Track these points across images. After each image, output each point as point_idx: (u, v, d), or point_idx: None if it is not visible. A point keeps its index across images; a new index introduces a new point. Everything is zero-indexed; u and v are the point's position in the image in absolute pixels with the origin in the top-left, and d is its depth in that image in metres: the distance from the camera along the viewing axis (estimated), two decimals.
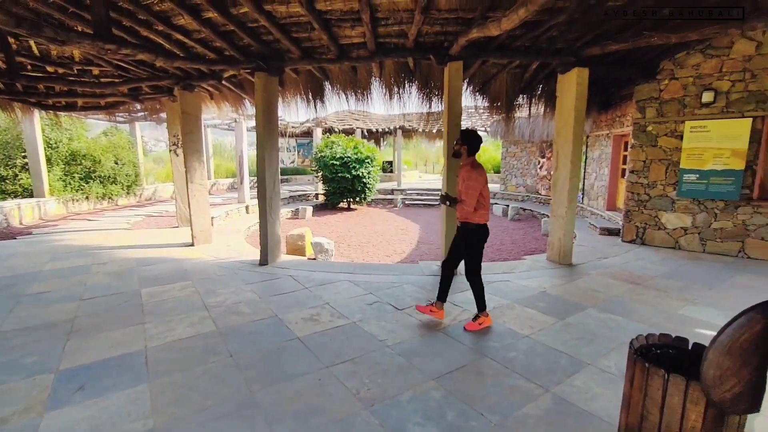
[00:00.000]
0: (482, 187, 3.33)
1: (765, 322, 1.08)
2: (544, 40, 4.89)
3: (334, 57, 5.14)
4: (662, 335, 1.61)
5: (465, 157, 3.51)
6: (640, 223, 6.70)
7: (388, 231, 11.31)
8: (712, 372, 1.14)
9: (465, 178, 3.38)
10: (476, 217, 3.38)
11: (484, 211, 3.37)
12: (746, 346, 1.10)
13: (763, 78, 5.43)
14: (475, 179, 3.30)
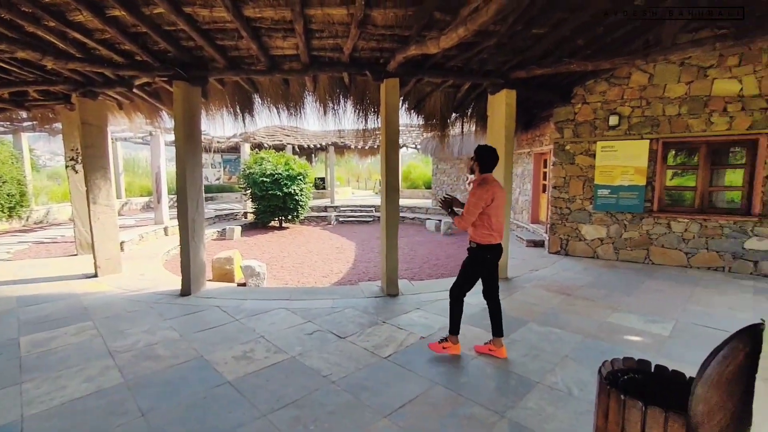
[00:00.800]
0: (486, 205, 3.10)
1: (746, 350, 1.05)
2: (476, 62, 5.06)
3: (264, 68, 4.81)
4: (626, 359, 1.57)
5: (477, 173, 3.27)
6: (563, 235, 7.19)
7: (323, 250, 10.92)
8: (701, 408, 1.09)
9: (471, 194, 3.21)
10: (477, 237, 3.18)
11: (486, 232, 3.14)
12: (731, 377, 1.05)
13: (655, 105, 6.18)
14: (478, 196, 3.09)
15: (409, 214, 16.97)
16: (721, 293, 4.98)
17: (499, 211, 3.16)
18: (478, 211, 3.10)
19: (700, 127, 5.89)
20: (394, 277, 5.01)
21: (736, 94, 5.64)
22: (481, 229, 3.15)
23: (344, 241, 12.17)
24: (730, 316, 4.24)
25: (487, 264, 3.25)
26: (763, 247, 5.67)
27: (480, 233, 3.17)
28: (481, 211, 3.11)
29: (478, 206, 3.08)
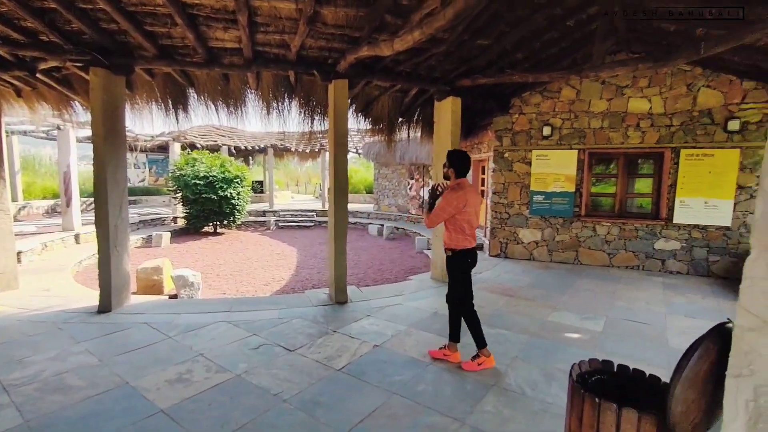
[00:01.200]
0: (457, 211, 3.07)
1: (717, 348, 1.09)
2: (424, 68, 5.12)
3: (201, 61, 4.42)
4: (591, 361, 1.60)
5: (453, 179, 3.23)
6: (503, 239, 7.54)
7: (263, 256, 10.38)
8: (680, 408, 1.11)
9: (443, 198, 3.14)
10: (452, 242, 3.17)
11: (460, 236, 3.12)
12: (705, 376, 1.09)
13: (582, 118, 6.74)
14: (449, 200, 3.07)
15: (351, 218, 16.83)
16: (639, 289, 5.52)
17: (473, 217, 3.16)
18: (446, 216, 3.09)
19: (619, 140, 6.53)
20: (343, 284, 4.86)
21: (647, 112, 6.34)
22: (455, 233, 3.13)
23: (285, 247, 11.70)
24: (647, 310, 4.69)
25: (468, 268, 3.23)
26: (668, 247, 6.41)
27: (455, 238, 3.16)
28: (452, 216, 3.10)
29: (446, 211, 3.07)
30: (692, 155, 6.08)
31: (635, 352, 3.53)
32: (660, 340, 3.81)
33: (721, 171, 5.96)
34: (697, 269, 6.26)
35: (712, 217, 6.07)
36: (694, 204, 6.14)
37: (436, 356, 3.39)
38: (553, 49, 5.68)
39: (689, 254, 6.29)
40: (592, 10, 4.74)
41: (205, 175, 12.26)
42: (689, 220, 6.19)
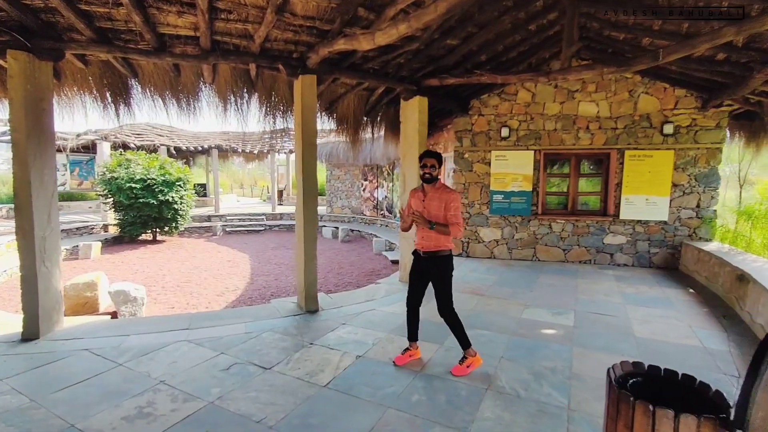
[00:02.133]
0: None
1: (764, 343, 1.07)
2: (393, 66, 5.00)
3: (149, 48, 3.92)
4: (623, 363, 1.57)
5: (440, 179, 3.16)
6: (464, 238, 7.64)
7: (212, 264, 9.66)
8: (762, 414, 1.07)
9: (449, 200, 3.02)
10: (449, 242, 3.09)
11: (460, 233, 3.07)
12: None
13: (537, 120, 7.04)
14: (458, 201, 3.05)
15: None
16: (595, 283, 5.84)
17: None
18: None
19: (571, 141, 6.89)
20: (314, 291, 4.59)
21: (595, 115, 6.76)
22: (459, 232, 3.02)
23: (236, 254, 11.01)
24: (608, 302, 4.96)
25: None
26: (616, 241, 6.88)
27: (449, 240, 3.08)
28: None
29: (461, 210, 3.07)
30: (635, 156, 6.58)
31: (609, 345, 3.68)
32: (627, 331, 4.01)
33: (659, 170, 6.51)
34: (640, 261, 6.78)
35: (652, 213, 6.61)
36: (637, 201, 6.65)
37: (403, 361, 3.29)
38: (513, 53, 5.86)
39: (634, 247, 6.80)
40: (552, 15, 4.94)
41: (143, 177, 11.17)
42: (633, 216, 6.69)
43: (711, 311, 4.59)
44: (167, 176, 11.69)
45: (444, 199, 3.04)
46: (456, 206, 3.03)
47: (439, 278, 3.12)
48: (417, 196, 3.21)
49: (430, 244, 3.09)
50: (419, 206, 3.13)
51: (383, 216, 14.75)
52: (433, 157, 3.09)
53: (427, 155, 3.07)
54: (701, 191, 6.43)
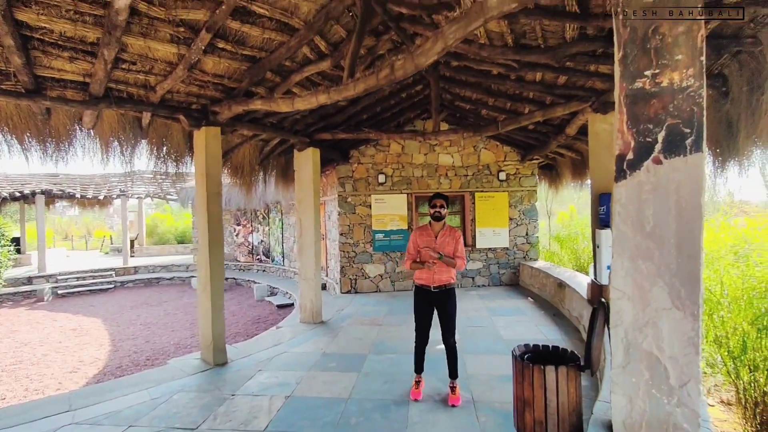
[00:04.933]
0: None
1: (605, 312, 1.90)
2: (290, 121, 5.43)
3: (20, 90, 3.50)
4: (520, 346, 2.29)
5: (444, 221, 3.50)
6: (352, 276, 8.20)
7: (49, 336, 7.91)
8: (596, 353, 1.85)
9: (457, 238, 3.41)
10: (453, 278, 3.44)
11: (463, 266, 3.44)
12: (601, 330, 1.87)
13: (408, 168, 8.29)
14: (462, 240, 3.48)
15: (165, 273, 14.58)
16: (466, 302, 7.04)
17: None
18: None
19: (435, 186, 8.31)
20: (222, 343, 4.44)
21: (451, 165, 8.36)
22: (463, 265, 3.42)
23: (81, 320, 9.21)
24: (478, 316, 6.10)
25: None
26: (475, 267, 8.42)
27: (455, 274, 3.46)
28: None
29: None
30: (482, 197, 8.33)
31: (488, 348, 4.63)
32: (497, 335, 5.09)
33: (499, 208, 8.36)
34: (494, 281, 8.42)
35: (498, 241, 8.38)
36: (487, 233, 8.34)
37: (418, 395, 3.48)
38: (387, 114, 6.97)
39: (488, 270, 8.42)
40: (419, 87, 6.18)
41: None
42: (486, 245, 8.35)
43: (546, 312, 6.12)
44: None
45: (455, 237, 3.43)
46: (462, 246, 3.44)
47: (452, 308, 3.45)
48: (426, 234, 3.48)
49: (442, 278, 3.38)
50: (430, 243, 3.41)
51: (259, 261, 14.28)
52: (442, 198, 3.47)
53: (437, 197, 3.46)
54: (528, 223, 8.50)
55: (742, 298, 3.70)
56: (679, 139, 1.73)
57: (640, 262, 1.79)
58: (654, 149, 1.78)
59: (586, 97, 4.56)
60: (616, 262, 1.87)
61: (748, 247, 4.75)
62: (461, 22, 2.44)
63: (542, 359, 2.23)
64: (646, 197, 1.79)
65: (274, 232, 13.56)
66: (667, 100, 1.75)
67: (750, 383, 3.22)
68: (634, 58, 1.82)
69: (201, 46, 3.42)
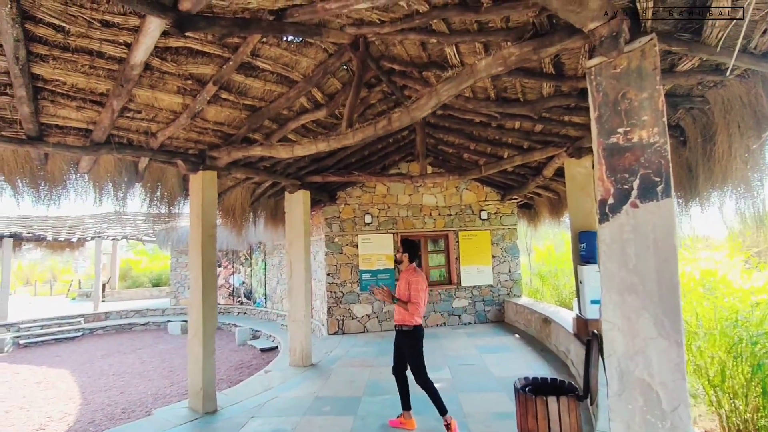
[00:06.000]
0: (424, 290, 3.58)
1: (598, 343, 2.06)
2: (282, 165, 5.62)
3: (22, 137, 3.57)
4: (520, 379, 2.40)
5: (406, 263, 3.75)
6: (339, 316, 8.13)
7: (12, 392, 7.37)
8: (593, 381, 1.98)
9: (411, 282, 3.56)
10: (415, 318, 3.54)
11: (418, 314, 3.55)
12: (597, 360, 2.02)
13: (393, 209, 8.53)
14: (420, 282, 3.56)
15: (139, 318, 13.94)
16: (454, 341, 7.08)
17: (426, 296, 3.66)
18: (424, 296, 3.54)
19: (420, 225, 8.55)
20: (213, 390, 4.31)
21: (435, 205, 8.67)
22: (414, 310, 3.51)
23: (47, 372, 8.63)
24: (468, 354, 6.14)
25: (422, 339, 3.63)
26: (461, 305, 8.52)
27: (411, 317, 3.54)
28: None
29: (424, 290, 3.56)
30: (466, 235, 8.60)
31: (481, 386, 4.67)
32: (488, 373, 5.13)
33: (482, 246, 8.63)
34: (480, 318, 8.51)
35: (482, 279, 8.57)
36: (471, 270, 8.54)
37: (394, 425, 3.65)
38: (374, 157, 7.28)
39: (474, 308, 8.54)
40: (405, 132, 6.55)
41: None
42: (470, 282, 8.52)
43: (533, 348, 6.22)
44: None
45: (408, 281, 3.60)
46: (416, 287, 3.54)
47: (407, 348, 3.60)
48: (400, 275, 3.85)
49: (397, 317, 3.65)
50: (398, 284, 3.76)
51: (240, 303, 13.91)
52: (402, 243, 3.83)
53: (401, 242, 3.83)
54: (510, 260, 8.77)
55: (715, 328, 3.96)
56: (651, 187, 1.99)
57: (627, 295, 1.99)
58: (631, 195, 2.03)
59: (561, 143, 4.97)
60: (605, 296, 2.06)
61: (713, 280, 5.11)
62: (454, 81, 2.75)
63: (542, 391, 2.35)
64: (627, 237, 2.02)
65: (257, 273, 13.34)
66: (638, 153, 2.03)
67: (731, 411, 3.40)
68: (607, 118, 2.11)
69: (206, 97, 3.63)
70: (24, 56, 2.64)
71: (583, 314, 4.40)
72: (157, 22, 2.54)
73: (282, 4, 2.83)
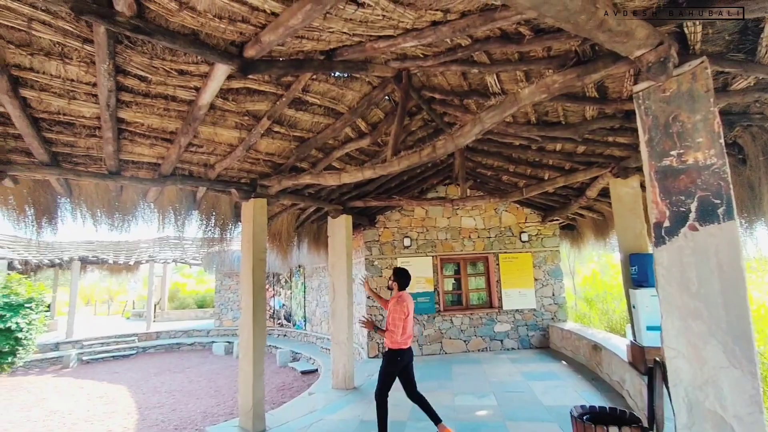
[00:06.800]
0: (405, 318, 3.81)
1: (662, 372, 1.99)
2: (326, 191, 5.86)
3: (103, 172, 4.00)
4: (576, 407, 2.34)
5: (396, 291, 4.00)
6: (379, 340, 8.12)
7: (78, 405, 7.86)
8: (659, 412, 1.91)
9: (391, 311, 3.84)
10: (392, 343, 3.81)
11: (399, 339, 3.80)
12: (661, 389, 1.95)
13: (432, 231, 8.56)
14: (399, 312, 3.83)
15: (186, 339, 14.54)
16: (497, 367, 6.88)
17: (410, 322, 3.85)
18: (402, 324, 3.67)
19: (459, 248, 8.50)
20: (262, 410, 4.44)
21: (474, 227, 8.61)
22: (403, 335, 3.71)
23: (107, 387, 9.16)
24: (513, 381, 5.93)
25: (398, 365, 3.75)
26: (503, 329, 8.29)
27: (394, 340, 3.71)
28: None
29: (400, 320, 3.74)
30: (506, 258, 8.44)
31: (529, 414, 4.50)
32: (537, 401, 4.94)
33: (524, 268, 8.43)
34: (523, 344, 8.22)
35: (524, 302, 8.32)
36: (513, 294, 8.33)
37: None
38: (413, 181, 7.41)
39: (516, 332, 8.27)
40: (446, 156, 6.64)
41: None
42: (512, 306, 8.29)
43: (583, 377, 5.92)
44: (13, 297, 9.59)
45: (390, 309, 3.93)
46: (394, 315, 3.84)
47: (380, 368, 3.91)
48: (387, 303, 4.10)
49: (386, 342, 3.92)
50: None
51: (280, 325, 14.21)
52: (393, 272, 4.09)
53: (393, 271, 4.08)
54: (553, 283, 8.48)
55: None
56: (711, 209, 1.95)
57: (691, 321, 1.93)
58: (689, 218, 2.00)
59: (605, 164, 4.88)
60: (666, 322, 2.00)
61: None
62: (497, 109, 2.83)
63: (601, 421, 2.27)
64: (687, 260, 1.98)
65: (297, 295, 13.65)
66: (694, 175, 2.00)
67: None
68: (658, 140, 2.11)
69: (260, 131, 3.93)
70: (114, 103, 3.01)
71: (638, 341, 4.19)
72: (224, 68, 2.84)
73: (333, 45, 3.07)
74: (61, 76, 2.86)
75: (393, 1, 2.34)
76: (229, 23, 2.48)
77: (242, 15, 2.44)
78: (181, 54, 2.80)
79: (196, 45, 2.55)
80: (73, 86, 2.96)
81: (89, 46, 2.56)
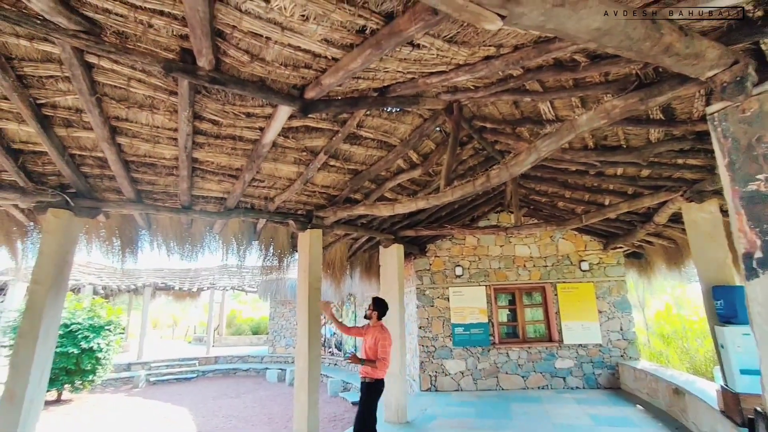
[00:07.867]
0: (390, 346, 4.05)
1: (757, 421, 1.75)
2: (378, 221, 5.97)
3: (177, 206, 4.40)
4: None
5: (375, 320, 4.11)
6: (431, 372, 7.88)
7: (145, 425, 8.29)
8: None
9: (378, 339, 3.94)
10: (375, 373, 3.90)
11: (380, 369, 3.90)
12: None
13: (484, 261, 8.32)
14: (387, 339, 4.03)
15: (241, 364, 15.01)
16: (561, 407, 6.35)
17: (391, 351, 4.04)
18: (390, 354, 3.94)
19: (513, 277, 8.16)
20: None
21: (529, 256, 8.26)
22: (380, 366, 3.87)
23: (170, 408, 9.63)
24: (581, 424, 5.44)
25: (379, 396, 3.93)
26: (565, 365, 7.70)
27: (379, 371, 3.87)
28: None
29: (389, 349, 3.94)
30: (565, 288, 7.96)
31: None
32: None
33: (585, 299, 7.88)
34: (589, 383, 7.56)
35: (588, 337, 7.71)
36: (574, 327, 7.77)
37: None
38: (464, 210, 7.33)
39: (581, 370, 7.64)
40: None
41: (65, 323, 9.93)
42: (575, 341, 7.71)
43: (664, 425, 5.29)
44: (95, 319, 10.54)
45: (375, 337, 3.98)
46: (384, 344, 3.93)
47: (361, 401, 3.93)
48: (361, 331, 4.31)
49: (363, 371, 3.99)
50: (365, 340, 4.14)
51: (331, 354, 14.26)
52: (373, 301, 4.26)
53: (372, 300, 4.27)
54: (620, 316, 7.81)
55: None
56: None
57: None
58: None
59: (675, 187, 4.54)
60: (766, 366, 1.77)
61: None
62: (554, 137, 2.78)
63: None
64: None
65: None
66: None
67: None
68: (741, 164, 1.95)
69: (317, 165, 4.13)
70: (190, 145, 3.35)
71: (730, 386, 3.70)
72: (287, 109, 3.07)
73: (387, 83, 3.21)
74: (149, 124, 3.25)
75: (448, 41, 2.43)
76: (293, 69, 2.70)
77: (305, 62, 2.65)
78: (249, 98, 3.08)
79: (263, 90, 2.79)
80: (158, 132, 3.34)
81: (174, 97, 2.91)
